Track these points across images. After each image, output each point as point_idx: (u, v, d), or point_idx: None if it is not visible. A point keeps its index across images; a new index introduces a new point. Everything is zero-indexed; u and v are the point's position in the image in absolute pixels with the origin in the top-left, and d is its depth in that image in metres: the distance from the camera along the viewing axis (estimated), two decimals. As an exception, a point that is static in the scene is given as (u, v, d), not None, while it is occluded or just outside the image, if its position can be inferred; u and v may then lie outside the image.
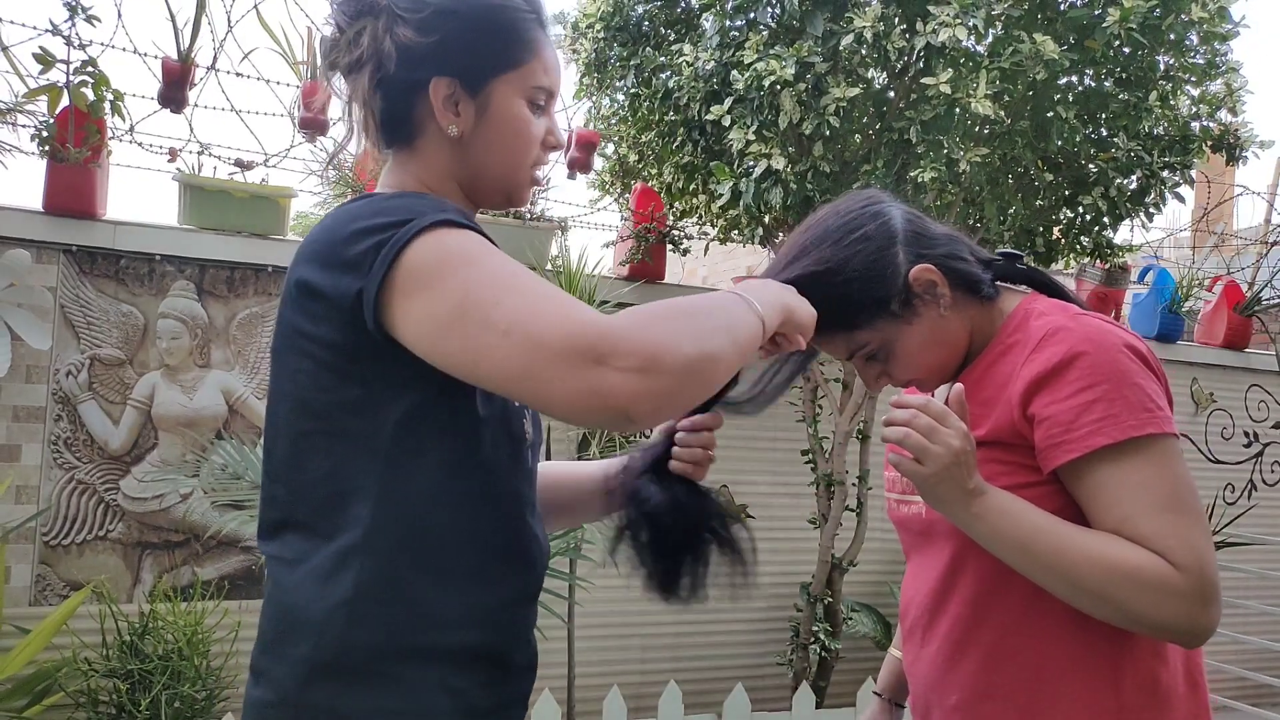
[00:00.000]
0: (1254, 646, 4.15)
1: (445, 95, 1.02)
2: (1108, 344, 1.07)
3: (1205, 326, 4.84)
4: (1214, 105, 3.25)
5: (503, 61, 1.03)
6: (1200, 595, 1.01)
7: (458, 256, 0.89)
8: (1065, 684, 1.10)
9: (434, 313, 0.87)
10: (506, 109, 1.04)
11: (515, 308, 0.84)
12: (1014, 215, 3.24)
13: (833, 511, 3.41)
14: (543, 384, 0.82)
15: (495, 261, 0.89)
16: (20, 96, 2.94)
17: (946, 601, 1.19)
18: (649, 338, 0.84)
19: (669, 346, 0.84)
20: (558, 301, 0.85)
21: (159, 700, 2.63)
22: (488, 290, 0.86)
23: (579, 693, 3.21)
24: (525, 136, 1.06)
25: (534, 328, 0.83)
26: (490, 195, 1.09)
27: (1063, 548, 1.03)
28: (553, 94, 1.09)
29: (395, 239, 0.89)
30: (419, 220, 0.90)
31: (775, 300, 1.01)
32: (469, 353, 0.85)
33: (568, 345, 0.82)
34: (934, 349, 1.18)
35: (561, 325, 0.83)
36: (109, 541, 3.00)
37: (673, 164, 3.49)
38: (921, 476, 1.04)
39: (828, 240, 1.16)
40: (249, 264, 3.17)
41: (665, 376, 0.83)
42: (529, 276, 0.88)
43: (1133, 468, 1.04)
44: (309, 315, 0.95)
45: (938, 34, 2.67)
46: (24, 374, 2.93)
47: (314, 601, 0.94)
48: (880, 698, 1.50)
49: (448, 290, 0.87)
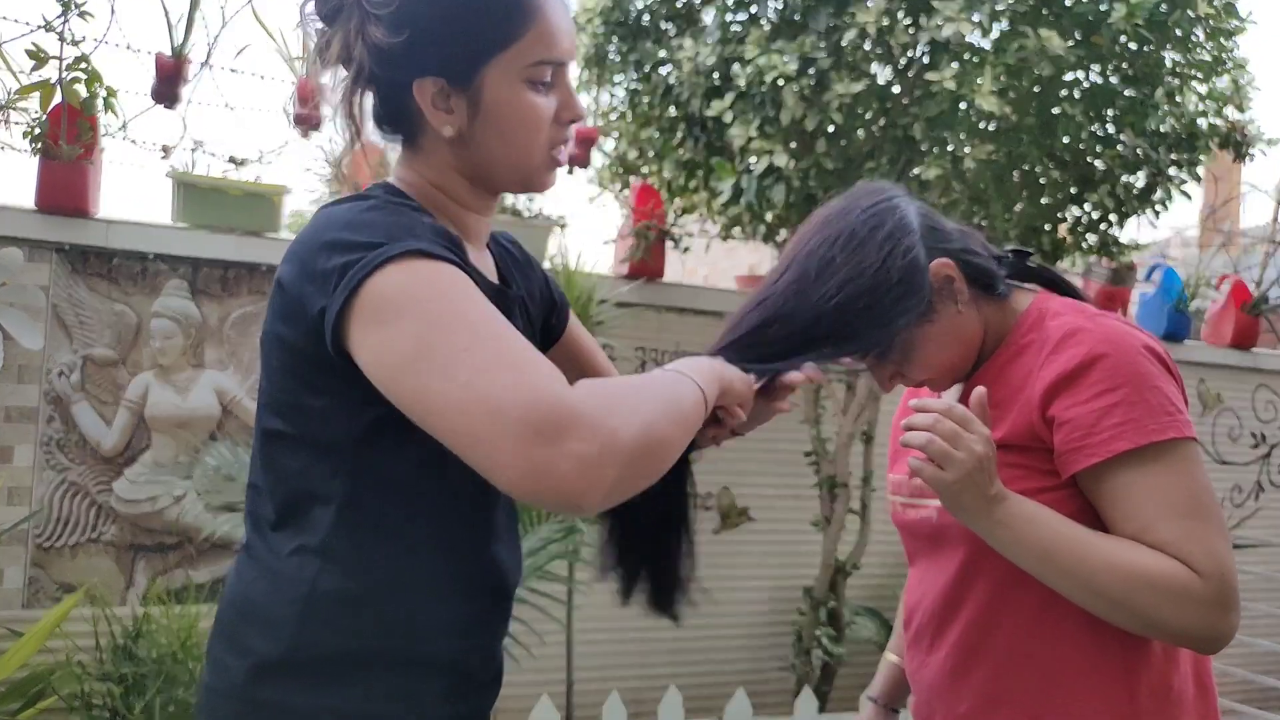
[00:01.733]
0: (1261, 649, 4.11)
1: (432, 95, 0.94)
2: (1128, 346, 1.06)
3: (1212, 326, 4.79)
4: (1221, 102, 3.22)
5: (490, 44, 0.93)
6: (1221, 602, 1.00)
7: (425, 292, 0.82)
8: (1079, 690, 1.09)
9: (392, 349, 0.81)
10: (504, 97, 0.94)
11: (477, 362, 0.78)
12: (1019, 213, 3.20)
13: (836, 514, 3.38)
14: (492, 452, 0.75)
15: (464, 304, 0.82)
16: (12, 93, 2.91)
17: (958, 608, 1.17)
18: (608, 421, 0.77)
19: (624, 432, 0.78)
20: (523, 362, 0.79)
21: (153, 704, 2.60)
22: (452, 335, 0.79)
23: (578, 697, 3.18)
24: (531, 122, 0.96)
25: (493, 389, 0.76)
26: (505, 185, 1.02)
27: (1084, 554, 1.02)
28: (561, 63, 0.97)
29: (363, 263, 0.83)
30: (390, 247, 0.83)
31: (711, 375, 0.96)
32: (421, 400, 0.80)
33: (525, 415, 0.74)
34: (950, 347, 1.16)
35: (522, 392, 0.76)
36: (102, 544, 2.97)
37: (673, 160, 3.46)
38: (944, 483, 1.02)
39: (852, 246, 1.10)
40: (243, 262, 3.13)
41: (617, 467, 0.77)
42: (498, 325, 0.82)
43: (1153, 473, 1.03)
44: (281, 314, 0.92)
45: (942, 29, 2.63)
46: (16, 374, 2.90)
47: (270, 596, 0.93)
48: (875, 703, 1.47)
49: (408, 328, 0.80)
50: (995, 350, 1.19)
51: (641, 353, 3.70)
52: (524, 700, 2.88)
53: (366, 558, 0.93)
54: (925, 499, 1.22)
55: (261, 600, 0.94)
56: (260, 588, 0.94)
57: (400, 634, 0.94)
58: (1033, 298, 1.21)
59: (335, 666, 0.92)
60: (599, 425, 0.76)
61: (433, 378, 0.78)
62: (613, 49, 3.45)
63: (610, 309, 3.34)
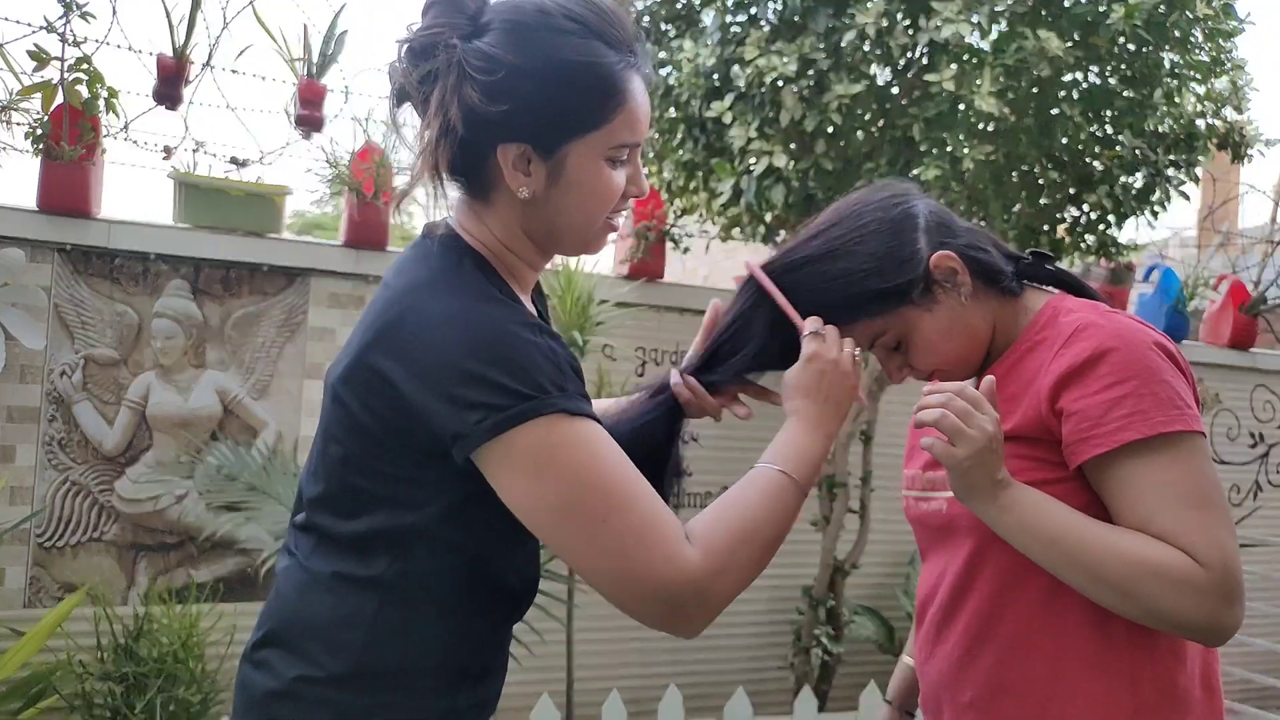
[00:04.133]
0: (1259, 649, 4.12)
1: (515, 157, 0.97)
2: (1138, 341, 1.07)
3: (1211, 326, 4.80)
4: (1219, 103, 3.22)
5: (582, 124, 0.97)
6: (1224, 593, 1.01)
7: (568, 458, 0.92)
8: (1082, 681, 1.10)
9: (539, 500, 0.92)
10: (584, 171, 0.98)
11: (620, 530, 0.91)
12: (1018, 213, 3.21)
13: (835, 514, 3.39)
14: (625, 604, 0.94)
15: (603, 465, 0.93)
16: (14, 94, 2.91)
17: (965, 597, 1.18)
18: (731, 588, 0.95)
19: (736, 579, 0.96)
20: (653, 533, 0.92)
21: (154, 704, 2.61)
22: (597, 500, 0.91)
23: (578, 696, 3.19)
24: (603, 196, 1.00)
25: (632, 561, 0.91)
26: (565, 247, 1.08)
27: (1089, 542, 1.03)
28: (638, 145, 1.02)
29: (510, 414, 0.90)
30: (540, 403, 0.90)
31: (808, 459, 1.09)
32: (565, 550, 0.93)
33: (658, 592, 0.92)
34: (955, 339, 1.18)
35: (659, 568, 0.91)
36: (103, 543, 2.97)
37: (673, 161, 3.47)
38: (955, 460, 1.03)
39: (849, 223, 1.16)
40: (244, 263, 3.14)
41: (729, 599, 0.96)
42: (632, 489, 0.93)
43: (1160, 464, 1.04)
44: (382, 401, 0.95)
45: (941, 30, 2.64)
46: (18, 374, 2.91)
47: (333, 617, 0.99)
48: (891, 705, 1.48)
49: (551, 485, 0.91)
50: (1008, 347, 1.20)
51: (641, 353, 3.71)
52: (524, 699, 2.89)
53: (429, 595, 1.00)
54: (935, 491, 1.24)
55: (324, 622, 0.99)
56: (323, 608, 1.00)
57: (448, 651, 1.02)
58: (1048, 298, 1.22)
59: (392, 679, 0.99)
60: (725, 596, 0.95)
61: (579, 539, 0.92)
62: (613, 50, 3.46)
63: (611, 309, 3.35)
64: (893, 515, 3.91)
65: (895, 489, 1.56)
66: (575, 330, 3.14)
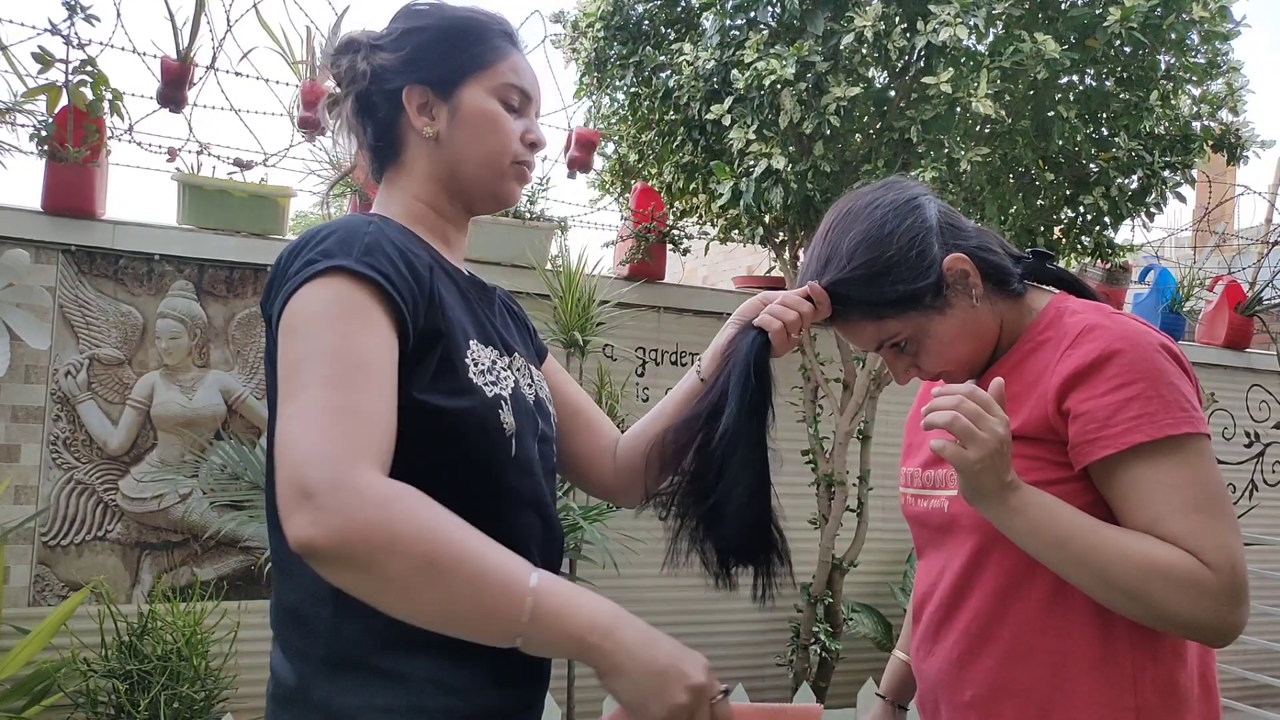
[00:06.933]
0: (1255, 647, 4.14)
1: (419, 102, 1.10)
2: (1144, 343, 1.07)
3: (1206, 327, 4.83)
4: (1215, 105, 3.25)
5: (470, 64, 1.10)
6: (1231, 595, 1.02)
7: (319, 316, 0.89)
8: (1085, 682, 1.09)
9: (282, 360, 0.90)
10: (478, 106, 1.10)
11: (307, 402, 0.84)
12: (1015, 215, 3.23)
13: (833, 512, 3.41)
14: (277, 482, 0.83)
15: (340, 339, 0.88)
16: (19, 96, 2.93)
17: (966, 596, 1.18)
18: (363, 512, 0.79)
19: (389, 553, 0.79)
20: (332, 413, 0.83)
21: (158, 701, 2.62)
22: (313, 368, 0.87)
23: (579, 693, 3.21)
24: (500, 130, 1.11)
25: (294, 433, 0.83)
26: (477, 194, 1.13)
27: (1098, 544, 1.03)
28: (527, 95, 1.14)
29: (299, 277, 0.92)
30: (323, 262, 0.92)
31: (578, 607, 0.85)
32: (274, 413, 0.89)
33: (290, 479, 0.80)
34: (965, 341, 1.18)
35: (301, 449, 0.81)
36: (108, 542, 2.99)
37: (673, 163, 3.48)
38: (967, 462, 1.03)
39: (869, 233, 1.16)
40: (248, 264, 3.16)
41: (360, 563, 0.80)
42: (351, 366, 0.87)
43: (1167, 467, 1.04)
44: (270, 342, 1.00)
45: (938, 33, 2.66)
46: (23, 374, 2.92)
47: (300, 596, 0.97)
48: (884, 700, 1.49)
49: (295, 347, 0.89)
50: (1012, 346, 1.21)
51: (641, 353, 3.74)
52: (525, 696, 2.90)
53: None
54: (936, 489, 1.24)
55: (294, 603, 0.97)
56: (291, 590, 0.98)
57: None
58: (1050, 297, 1.23)
59: (377, 661, 0.93)
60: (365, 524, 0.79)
61: (283, 399, 0.87)
62: (613, 54, 3.48)
63: (611, 309, 3.37)
64: (890, 513, 3.94)
65: (893, 487, 1.57)
66: (575, 330, 3.16)
